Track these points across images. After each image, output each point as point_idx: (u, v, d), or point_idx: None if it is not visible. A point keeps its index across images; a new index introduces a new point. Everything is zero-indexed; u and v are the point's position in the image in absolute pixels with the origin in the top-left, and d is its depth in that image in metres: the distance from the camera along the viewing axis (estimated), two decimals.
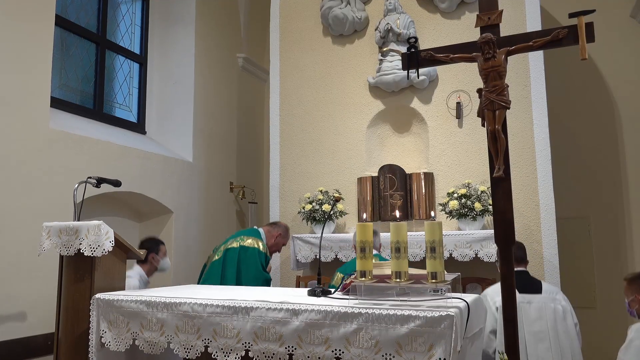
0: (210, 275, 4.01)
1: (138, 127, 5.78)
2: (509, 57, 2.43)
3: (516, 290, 2.35)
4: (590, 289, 5.29)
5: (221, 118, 6.40)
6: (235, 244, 4.05)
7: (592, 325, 5.14)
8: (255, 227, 4.37)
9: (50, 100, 4.28)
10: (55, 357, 2.83)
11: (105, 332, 2.68)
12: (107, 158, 4.46)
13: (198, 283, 4.16)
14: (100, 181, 3.75)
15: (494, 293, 3.43)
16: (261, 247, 4.10)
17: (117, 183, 3.78)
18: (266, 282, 4.04)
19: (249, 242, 4.06)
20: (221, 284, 3.91)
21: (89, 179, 3.59)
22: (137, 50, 5.87)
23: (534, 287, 3.44)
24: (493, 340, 3.37)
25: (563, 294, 3.56)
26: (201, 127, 6.00)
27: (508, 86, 2.39)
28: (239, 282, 3.91)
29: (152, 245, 4.05)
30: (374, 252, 3.71)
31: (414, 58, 2.68)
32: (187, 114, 5.86)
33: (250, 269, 3.96)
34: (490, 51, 2.36)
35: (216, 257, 4.05)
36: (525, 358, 3.22)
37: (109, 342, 2.66)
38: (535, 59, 4.59)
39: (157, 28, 6.05)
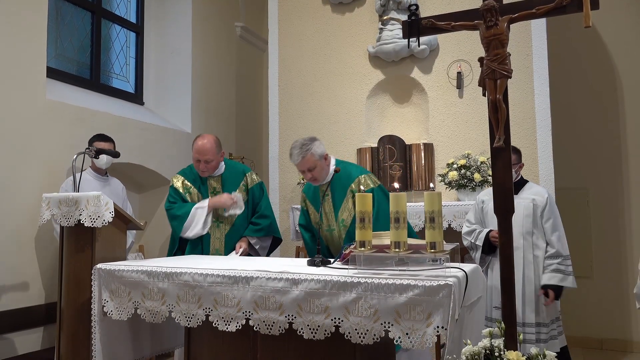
0: None
1: (136, 97, 5.73)
2: (511, 25, 2.39)
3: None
4: (587, 259, 5.33)
5: (220, 88, 6.34)
6: None
7: (589, 295, 5.21)
8: None
9: (46, 70, 4.23)
10: (59, 327, 2.87)
11: (107, 301, 2.71)
12: (105, 129, 4.42)
13: None
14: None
15: (483, 193, 3.90)
16: (173, 181, 3.75)
17: (115, 154, 3.77)
18: (172, 219, 3.62)
19: None
20: None
21: (87, 150, 3.58)
22: (133, 19, 5.78)
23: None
24: (465, 227, 3.86)
25: None
26: (199, 98, 5.95)
27: (510, 55, 2.36)
28: None
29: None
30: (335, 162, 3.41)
31: (415, 26, 2.63)
32: (185, 84, 5.80)
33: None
34: (493, 19, 2.31)
35: None
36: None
37: (111, 311, 2.69)
38: (538, 28, 4.53)
39: None
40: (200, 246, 3.64)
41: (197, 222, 3.55)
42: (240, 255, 3.56)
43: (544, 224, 3.59)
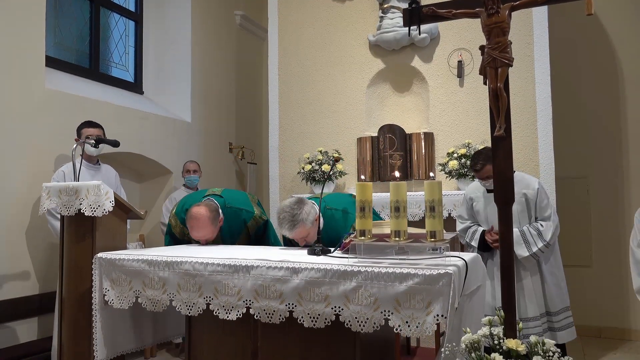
0: None
1: (135, 87, 5.71)
2: (512, 13, 2.37)
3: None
4: (587, 248, 5.34)
5: (219, 77, 6.32)
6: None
7: (588, 284, 5.23)
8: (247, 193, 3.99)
9: (45, 59, 4.21)
10: (60, 315, 2.89)
11: (108, 290, 2.72)
12: (104, 118, 4.42)
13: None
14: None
15: (469, 190, 3.86)
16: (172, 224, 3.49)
17: (115, 143, 3.76)
18: None
19: None
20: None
21: (87, 140, 3.58)
22: (132, 8, 5.74)
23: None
24: (459, 224, 3.86)
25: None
26: (199, 87, 5.93)
27: (511, 43, 2.34)
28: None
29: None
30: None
31: (416, 14, 2.61)
32: (185, 73, 5.78)
33: None
34: (494, 6, 2.29)
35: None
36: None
37: (112, 300, 2.70)
38: (539, 16, 4.49)
39: None
40: None
41: None
42: None
43: (537, 214, 3.59)
